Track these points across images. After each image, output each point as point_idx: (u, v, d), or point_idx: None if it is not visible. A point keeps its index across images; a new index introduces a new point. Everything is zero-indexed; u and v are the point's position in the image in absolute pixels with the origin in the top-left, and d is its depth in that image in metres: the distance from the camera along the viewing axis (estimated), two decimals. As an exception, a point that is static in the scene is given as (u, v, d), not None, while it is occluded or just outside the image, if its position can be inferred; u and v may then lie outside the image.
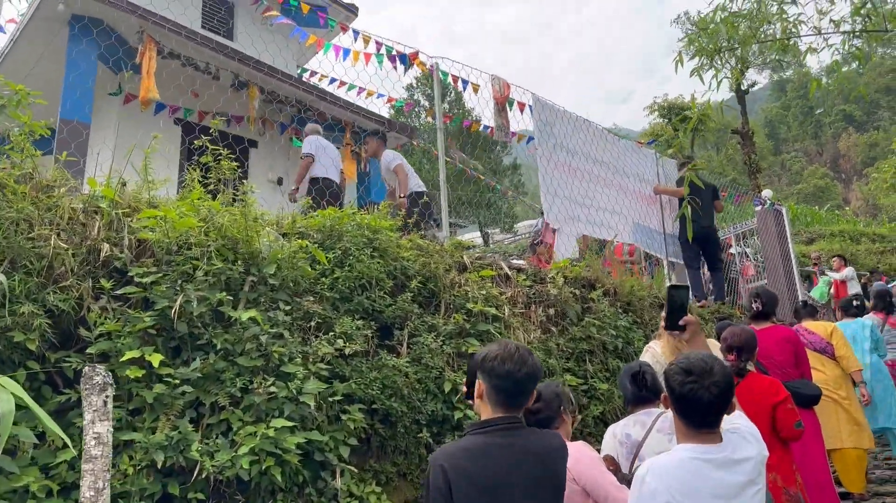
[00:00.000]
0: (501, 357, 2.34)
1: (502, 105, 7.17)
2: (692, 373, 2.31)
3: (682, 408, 2.34)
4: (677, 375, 2.35)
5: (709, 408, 2.28)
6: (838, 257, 13.66)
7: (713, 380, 2.29)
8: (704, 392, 2.26)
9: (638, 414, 3.48)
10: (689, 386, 2.29)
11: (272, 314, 3.91)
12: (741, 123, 21.79)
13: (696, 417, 2.31)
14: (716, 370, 2.32)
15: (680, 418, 2.38)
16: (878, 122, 68.00)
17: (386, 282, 4.64)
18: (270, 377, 3.72)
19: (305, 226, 4.63)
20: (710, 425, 2.33)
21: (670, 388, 2.38)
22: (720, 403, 2.28)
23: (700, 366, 2.33)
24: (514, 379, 2.33)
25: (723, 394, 2.28)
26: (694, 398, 2.27)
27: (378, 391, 4.20)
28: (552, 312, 5.70)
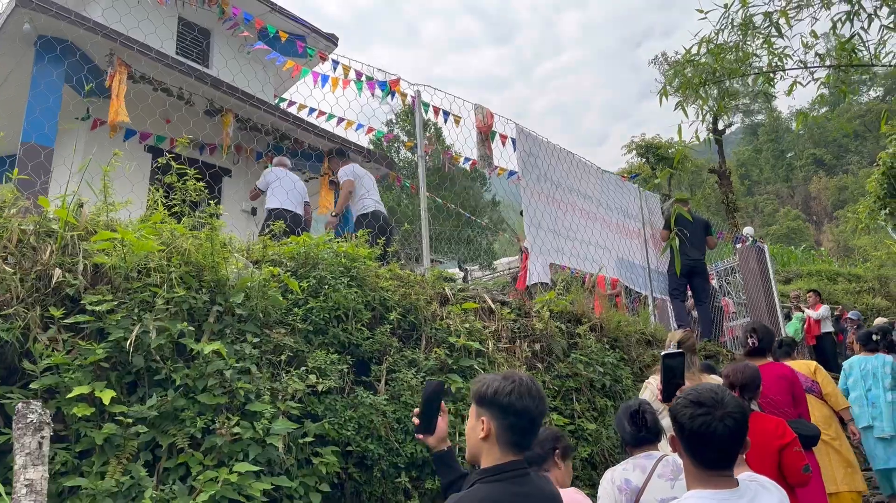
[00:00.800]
0: (518, 391, 2.07)
1: (486, 134, 6.99)
2: (703, 405, 2.07)
3: (693, 445, 2.08)
4: (686, 408, 2.10)
5: (723, 443, 2.03)
6: (813, 292, 13.53)
7: (726, 410, 2.05)
8: (718, 424, 2.02)
9: (638, 457, 3.21)
10: (702, 419, 2.04)
11: (238, 347, 3.60)
12: (718, 163, 22.00)
13: (709, 455, 2.06)
14: (727, 401, 2.08)
15: (691, 459, 2.12)
16: (847, 165, 69.58)
17: (363, 313, 4.35)
18: (235, 416, 3.39)
19: (278, 253, 4.34)
20: (725, 465, 2.07)
21: (679, 425, 2.12)
22: (736, 438, 2.04)
23: (711, 397, 2.09)
24: (531, 416, 2.07)
25: (739, 427, 2.04)
26: (707, 432, 2.02)
27: (353, 431, 3.88)
28: (538, 347, 5.44)
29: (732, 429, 2.02)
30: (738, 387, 3.80)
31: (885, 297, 18.84)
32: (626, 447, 3.32)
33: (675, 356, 2.93)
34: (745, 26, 6.30)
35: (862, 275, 20.95)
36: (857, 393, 6.44)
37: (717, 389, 2.15)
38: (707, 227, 8.54)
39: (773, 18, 6.10)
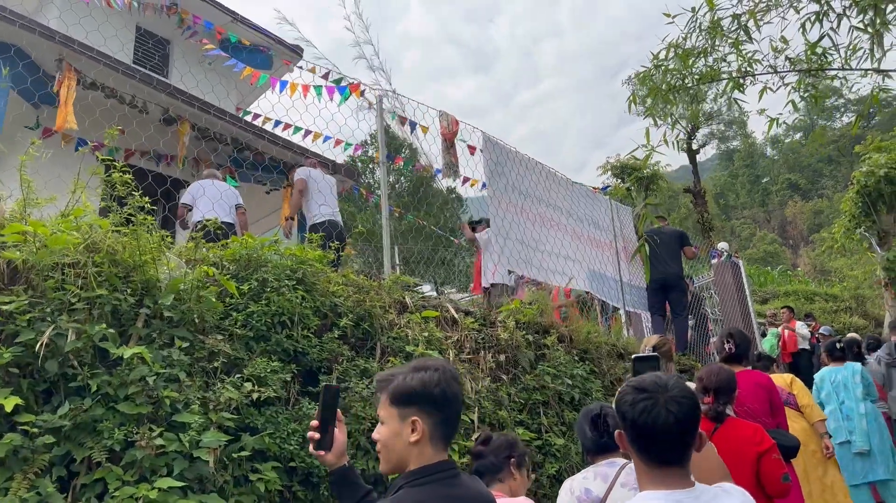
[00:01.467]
0: (445, 378, 1.86)
1: (451, 142, 6.78)
2: (645, 390, 1.84)
3: (637, 436, 1.85)
4: (627, 395, 1.88)
5: (670, 432, 1.79)
6: (787, 308, 13.34)
7: (670, 394, 1.82)
8: (661, 410, 1.80)
9: (599, 464, 2.94)
10: (643, 404, 1.82)
11: (167, 353, 3.29)
12: (693, 183, 22.04)
13: (656, 447, 1.82)
14: (672, 385, 1.85)
15: (637, 454, 1.88)
16: (822, 190, 70.61)
17: (311, 319, 4.06)
18: (159, 428, 3.08)
19: (218, 256, 4.05)
20: (675, 459, 1.83)
21: (621, 414, 1.89)
22: (684, 426, 1.81)
23: (653, 382, 1.87)
24: (457, 406, 1.89)
25: (686, 413, 1.81)
26: (650, 420, 1.80)
27: (297, 446, 3.57)
28: (503, 359, 5.17)
29: (678, 416, 1.79)
30: (711, 390, 3.56)
31: (862, 316, 18.82)
32: (586, 455, 3.05)
33: (646, 359, 2.70)
34: (713, 29, 6.19)
35: (838, 294, 20.97)
36: (831, 407, 6.25)
37: (661, 375, 1.94)
38: (682, 237, 8.34)
39: (741, 21, 5.99)
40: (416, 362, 1.95)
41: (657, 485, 1.82)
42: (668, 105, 6.56)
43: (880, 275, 17.32)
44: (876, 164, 17.82)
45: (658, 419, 1.79)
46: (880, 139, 20.21)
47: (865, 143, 20.19)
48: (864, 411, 5.98)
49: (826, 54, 6.35)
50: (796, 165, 75.30)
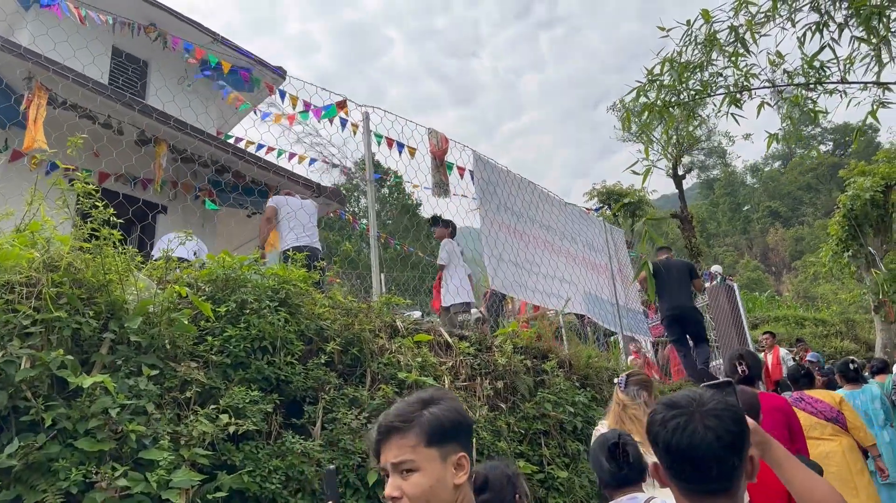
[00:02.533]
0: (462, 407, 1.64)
1: (441, 160, 6.52)
2: (678, 406, 1.55)
3: (673, 462, 1.53)
4: (658, 414, 1.58)
5: (709, 452, 1.48)
6: (768, 334, 12.97)
7: (707, 408, 1.52)
8: (697, 426, 1.49)
9: (619, 501, 2.62)
10: (675, 421, 1.52)
11: (133, 382, 2.94)
12: (680, 208, 21.98)
13: (694, 473, 1.51)
14: (709, 398, 1.56)
15: (677, 484, 1.56)
16: (803, 217, 71.37)
17: (296, 344, 3.73)
18: (123, 466, 2.72)
19: (194, 277, 3.72)
20: (721, 488, 1.51)
21: (653, 438, 1.57)
22: (725, 444, 1.49)
23: (686, 397, 1.58)
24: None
25: (728, 430, 1.50)
26: (685, 440, 1.49)
27: (279, 484, 3.21)
28: (500, 385, 4.84)
29: (719, 433, 1.48)
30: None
31: (853, 341, 18.67)
32: (604, 489, 2.72)
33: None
34: (709, 42, 6.01)
35: (828, 319, 20.85)
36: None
37: (696, 390, 1.64)
38: (691, 270, 8.20)
39: (738, 33, 5.82)
40: (423, 392, 1.65)
41: None
42: (664, 121, 6.34)
43: (870, 299, 17.22)
44: (861, 188, 17.84)
45: (695, 437, 1.49)
46: (864, 163, 20.31)
47: (848, 168, 20.29)
48: (889, 439, 5.67)
49: (824, 67, 6.18)
50: (776, 193, 76.23)
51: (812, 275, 33.20)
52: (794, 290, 49.01)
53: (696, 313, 7.96)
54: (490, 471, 2.53)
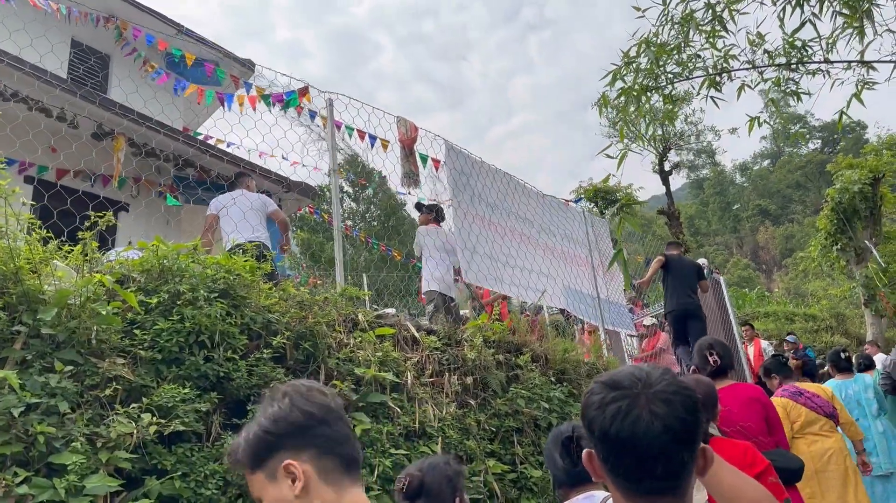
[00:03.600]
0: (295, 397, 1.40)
1: (410, 149, 6.25)
2: (619, 387, 1.24)
3: (609, 454, 1.24)
4: (597, 394, 1.27)
5: (655, 445, 1.18)
6: (748, 326, 12.68)
7: (655, 390, 1.22)
8: (642, 413, 1.19)
9: (575, 500, 2.35)
10: (615, 405, 1.21)
11: (44, 379, 2.66)
12: (667, 204, 21.77)
13: (636, 470, 1.21)
14: (657, 378, 1.25)
15: (613, 480, 1.27)
16: (792, 215, 71.54)
17: (238, 338, 3.45)
18: (28, 472, 2.44)
19: (126, 266, 3.44)
20: (666, 487, 1.22)
21: (588, 423, 1.27)
22: (675, 436, 1.19)
23: (631, 375, 1.26)
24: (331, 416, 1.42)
25: (678, 418, 1.20)
26: (626, 428, 1.20)
27: (217, 490, 2.93)
28: (470, 381, 4.56)
29: (667, 422, 1.19)
30: None
31: (843, 335, 18.50)
32: (557, 489, 2.44)
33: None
34: (685, 21, 5.78)
35: (818, 314, 20.68)
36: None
37: (643, 366, 1.32)
38: (699, 270, 8.17)
39: (716, 10, 5.59)
40: (260, 409, 1.40)
41: None
42: (642, 104, 6.10)
43: (861, 293, 17.06)
44: (849, 181, 17.71)
45: (638, 426, 1.19)
46: (851, 157, 20.20)
47: (836, 162, 20.16)
48: (883, 429, 5.45)
49: (806, 47, 5.96)
50: (765, 191, 76.44)
51: (802, 272, 33.13)
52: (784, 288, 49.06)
53: (701, 312, 7.90)
54: (427, 473, 2.25)
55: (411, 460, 3.80)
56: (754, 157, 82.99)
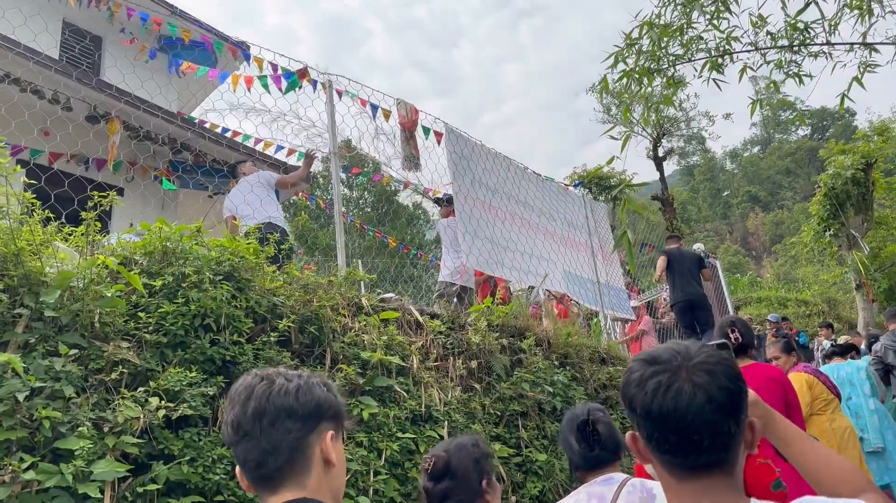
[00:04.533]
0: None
1: (410, 132, 6.18)
2: (659, 361, 1.20)
3: (653, 431, 1.18)
4: (636, 372, 1.22)
5: (699, 417, 1.13)
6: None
7: (694, 362, 1.17)
8: (684, 386, 1.15)
9: (592, 483, 2.31)
10: (656, 379, 1.17)
11: (48, 362, 2.59)
12: (661, 190, 21.79)
13: (681, 445, 1.16)
14: (697, 351, 1.20)
15: (659, 458, 1.22)
16: (782, 201, 71.82)
17: (243, 321, 3.39)
18: (35, 457, 2.38)
19: (128, 248, 3.37)
20: (713, 461, 1.17)
21: (628, 402, 1.22)
22: (719, 408, 1.14)
23: (670, 351, 1.22)
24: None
25: (722, 388, 1.15)
26: (669, 402, 1.15)
27: (225, 475, 2.88)
28: (474, 365, 4.53)
29: (711, 392, 1.14)
30: None
31: (835, 320, 18.60)
32: (574, 472, 2.41)
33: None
34: (689, 2, 5.71)
35: (809, 299, 20.80)
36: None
37: (681, 342, 1.28)
38: (700, 260, 8.46)
39: (719, -10, 5.53)
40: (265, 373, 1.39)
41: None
42: (644, 86, 6.04)
43: (852, 278, 17.15)
44: (841, 166, 17.72)
45: (680, 399, 1.14)
46: (843, 142, 20.23)
47: (828, 148, 20.19)
48: (874, 407, 5.53)
49: (808, 29, 5.92)
50: (756, 178, 76.64)
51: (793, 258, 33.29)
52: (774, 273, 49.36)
53: (706, 301, 8.17)
54: (454, 454, 2.19)
55: (418, 444, 3.77)
56: (744, 144, 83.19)
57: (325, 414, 1.36)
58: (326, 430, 1.35)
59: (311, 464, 1.31)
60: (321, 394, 1.37)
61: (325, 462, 1.32)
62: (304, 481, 1.29)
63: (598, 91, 6.26)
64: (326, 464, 1.33)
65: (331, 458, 1.32)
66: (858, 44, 5.84)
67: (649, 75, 5.95)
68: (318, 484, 1.31)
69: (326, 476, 1.33)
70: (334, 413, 1.39)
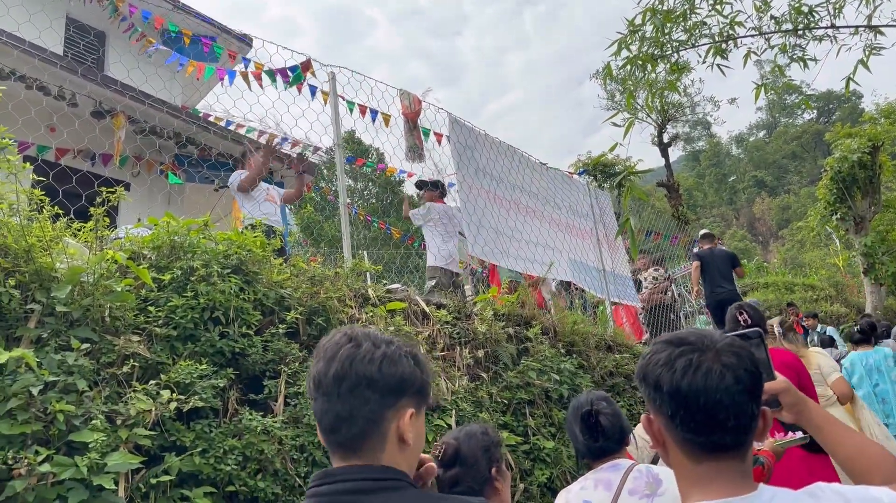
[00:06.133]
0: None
1: (414, 122, 6.19)
2: (686, 342, 1.24)
3: (680, 409, 1.21)
4: (662, 352, 1.25)
5: (727, 396, 1.17)
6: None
7: (721, 345, 1.22)
8: (714, 365, 1.19)
9: (599, 470, 2.35)
10: (686, 358, 1.20)
11: (60, 357, 2.63)
12: (666, 176, 21.74)
13: (706, 424, 1.19)
14: (720, 338, 1.25)
15: (680, 438, 1.24)
16: (788, 185, 71.44)
17: (252, 314, 3.42)
18: (49, 450, 2.42)
19: (136, 243, 3.40)
20: (732, 443, 1.21)
21: (653, 383, 1.25)
22: (746, 389, 1.19)
23: (696, 333, 1.27)
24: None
25: (748, 371, 1.20)
26: (699, 381, 1.18)
27: (237, 466, 2.93)
28: (481, 354, 4.56)
29: (738, 373, 1.19)
30: None
31: (843, 304, 18.56)
32: (580, 460, 2.45)
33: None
34: (692, -13, 5.69)
35: (817, 284, 20.73)
36: (864, 390, 5.90)
37: (701, 328, 1.33)
38: (733, 258, 8.73)
39: (722, -25, 5.51)
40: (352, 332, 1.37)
41: (703, 491, 1.20)
42: (648, 72, 6.03)
43: (860, 262, 17.09)
44: (848, 150, 17.62)
45: (710, 378, 1.18)
46: (849, 125, 20.12)
47: (835, 131, 20.07)
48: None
49: (813, 12, 5.89)
50: (762, 162, 76.21)
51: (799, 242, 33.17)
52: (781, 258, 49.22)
53: (738, 298, 8.27)
54: (464, 442, 2.22)
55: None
56: (750, 129, 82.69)
57: (407, 390, 1.30)
58: (406, 408, 1.30)
59: (385, 440, 1.27)
60: (406, 367, 1.31)
61: (399, 440, 1.28)
62: (378, 455, 1.26)
63: (601, 78, 6.23)
64: (402, 442, 1.28)
65: (406, 438, 1.28)
66: (863, 26, 5.82)
67: (653, 61, 5.94)
68: (392, 460, 1.27)
69: (401, 453, 1.29)
70: (418, 389, 1.33)
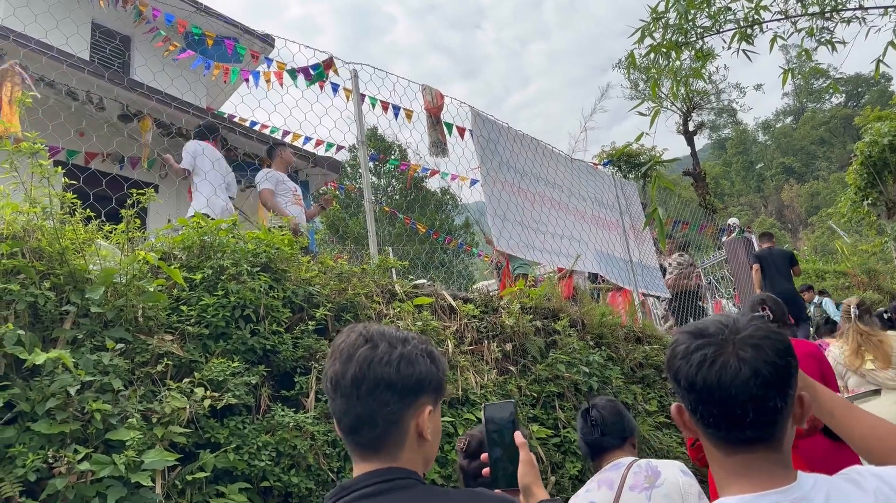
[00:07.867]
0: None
1: (437, 117, 6.19)
2: (706, 334, 1.19)
3: (698, 404, 1.18)
4: (682, 344, 1.21)
5: (743, 391, 1.13)
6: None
7: (741, 336, 1.16)
8: (729, 360, 1.14)
9: (603, 471, 2.39)
10: (703, 352, 1.16)
11: (96, 357, 2.68)
12: (692, 165, 21.48)
13: (725, 417, 1.16)
14: (745, 325, 1.19)
15: (705, 433, 1.21)
16: (817, 171, 70.20)
17: (282, 311, 3.45)
18: (86, 449, 2.47)
19: (168, 243, 3.45)
20: (760, 436, 1.16)
21: (674, 375, 1.22)
22: (765, 382, 1.14)
23: (718, 324, 1.21)
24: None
25: (768, 363, 1.14)
26: (714, 376, 1.14)
27: (270, 461, 2.96)
28: (509, 348, 4.56)
29: (756, 367, 1.13)
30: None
31: (876, 290, 18.21)
32: (591, 461, 2.49)
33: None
34: (716, -28, 5.61)
35: (848, 271, 20.37)
36: None
37: (729, 315, 1.27)
38: (791, 257, 8.94)
39: (747, -41, 5.42)
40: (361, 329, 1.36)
41: (738, 483, 1.17)
42: (672, 59, 5.96)
43: (893, 247, 16.76)
44: (879, 133, 17.26)
45: (725, 373, 1.14)
46: (879, 109, 19.69)
47: (864, 115, 19.66)
48: None
49: (839, -7, 5.78)
50: (789, 149, 74.93)
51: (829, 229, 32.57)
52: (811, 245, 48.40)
53: (798, 297, 8.67)
54: None
55: (456, 427, 3.82)
56: (776, 115, 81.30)
57: (425, 388, 1.31)
58: (425, 405, 1.31)
59: (405, 438, 1.29)
60: (423, 367, 1.32)
61: (419, 436, 1.30)
62: (397, 453, 1.28)
63: (625, 67, 6.16)
64: (421, 438, 1.31)
65: (425, 434, 1.30)
66: (893, 7, 5.69)
67: (677, 49, 5.86)
68: (411, 456, 1.30)
69: (420, 448, 1.32)
70: (435, 387, 1.34)
